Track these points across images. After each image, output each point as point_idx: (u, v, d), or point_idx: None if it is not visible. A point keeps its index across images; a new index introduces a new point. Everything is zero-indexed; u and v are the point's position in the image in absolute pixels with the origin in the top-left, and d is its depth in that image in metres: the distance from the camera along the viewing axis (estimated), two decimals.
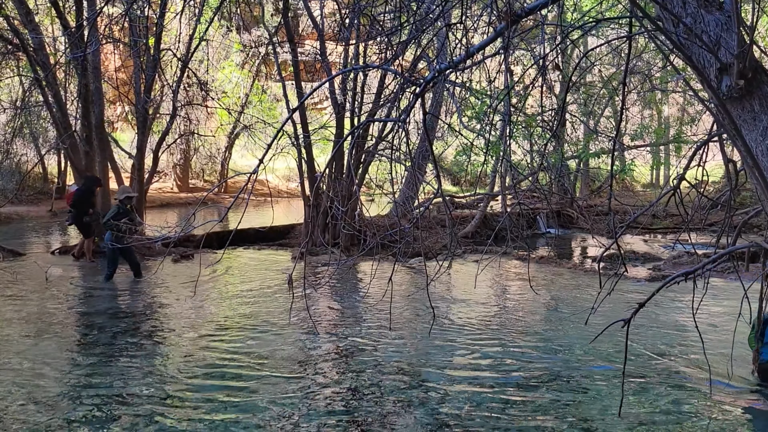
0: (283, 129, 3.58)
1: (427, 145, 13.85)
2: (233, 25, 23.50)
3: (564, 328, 7.19)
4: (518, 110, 8.63)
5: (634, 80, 17.23)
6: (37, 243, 14.38)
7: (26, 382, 5.24)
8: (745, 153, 2.72)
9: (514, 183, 10.03)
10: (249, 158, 26.64)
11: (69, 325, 7.19)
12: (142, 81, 12.89)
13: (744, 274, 6.65)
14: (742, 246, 3.28)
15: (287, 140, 13.16)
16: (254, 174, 3.08)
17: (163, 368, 5.71)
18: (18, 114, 17.09)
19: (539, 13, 3.71)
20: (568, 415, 4.65)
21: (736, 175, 3.89)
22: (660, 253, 12.89)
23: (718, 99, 2.66)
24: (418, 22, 4.51)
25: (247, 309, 8.04)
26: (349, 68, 12.40)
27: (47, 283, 9.41)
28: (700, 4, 2.70)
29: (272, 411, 4.71)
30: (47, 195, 21.73)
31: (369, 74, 13.54)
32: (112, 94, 23.66)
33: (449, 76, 9.09)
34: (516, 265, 11.81)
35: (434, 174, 16.79)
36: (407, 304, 8.40)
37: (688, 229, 4.30)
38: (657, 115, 25.79)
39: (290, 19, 14.78)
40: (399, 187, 14.92)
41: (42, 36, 12.59)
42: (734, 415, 4.67)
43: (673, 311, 7.83)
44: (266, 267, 11.19)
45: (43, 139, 21.99)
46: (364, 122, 6.16)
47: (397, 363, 5.88)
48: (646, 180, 30.58)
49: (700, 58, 2.74)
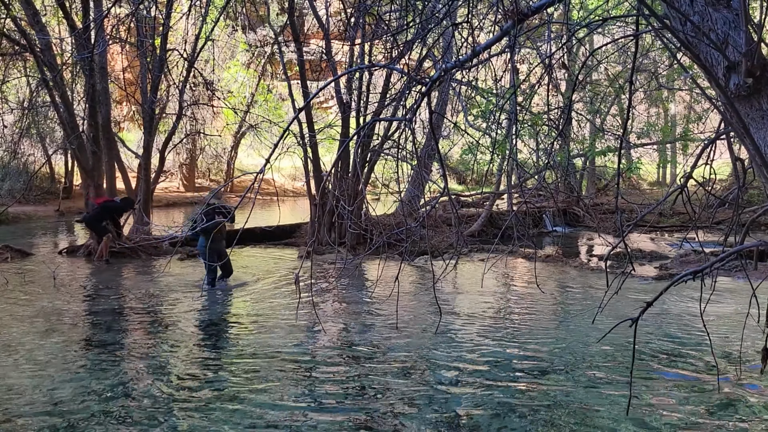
0: (289, 128, 3.58)
1: (433, 144, 13.85)
2: (239, 25, 23.53)
3: (571, 327, 7.18)
4: (524, 109, 8.61)
5: (641, 78, 17.15)
6: (45, 243, 14.46)
7: (34, 381, 5.28)
8: (753, 151, 2.71)
9: (520, 181, 10.01)
10: (255, 157, 26.69)
11: (77, 324, 7.23)
12: (149, 81, 12.93)
13: (752, 272, 6.63)
14: (750, 245, 3.26)
15: (293, 139, 13.19)
16: (261, 174, 3.08)
17: (169, 367, 5.73)
18: (25, 114, 17.17)
19: (545, 11, 3.70)
20: (575, 414, 4.64)
21: (744, 173, 3.87)
22: (667, 251, 12.84)
23: (726, 97, 2.65)
24: (424, 21, 4.51)
25: (254, 308, 8.06)
26: (354, 67, 12.40)
27: (55, 282, 9.46)
28: (708, 1, 2.69)
29: (279, 410, 4.72)
30: (54, 195, 21.84)
31: (375, 73, 13.53)
32: (119, 94, 23.75)
33: (455, 74, 9.09)
34: (522, 264, 11.79)
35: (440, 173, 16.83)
36: (414, 302, 8.40)
37: (696, 228, 4.28)
38: (664, 113, 25.70)
39: (296, 19, 14.80)
40: (405, 185, 14.92)
41: (49, 37, 12.64)
42: (742, 413, 4.66)
43: (681, 310, 7.80)
44: (273, 266, 11.21)
45: (50, 140, 22.12)
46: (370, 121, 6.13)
47: (403, 362, 5.88)
48: (653, 178, 30.49)
49: (707, 56, 2.73)
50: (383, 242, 6.99)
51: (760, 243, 3.20)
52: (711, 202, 5.40)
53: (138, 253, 12.11)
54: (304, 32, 19.86)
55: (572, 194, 18.16)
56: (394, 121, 6.26)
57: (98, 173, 12.57)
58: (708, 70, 2.66)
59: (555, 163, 10.33)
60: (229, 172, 29.53)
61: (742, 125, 2.65)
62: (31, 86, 17.01)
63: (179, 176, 28.87)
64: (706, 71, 2.62)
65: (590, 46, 17.82)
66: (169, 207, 23.70)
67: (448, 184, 4.07)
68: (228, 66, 26.71)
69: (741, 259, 4.07)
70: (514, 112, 4.74)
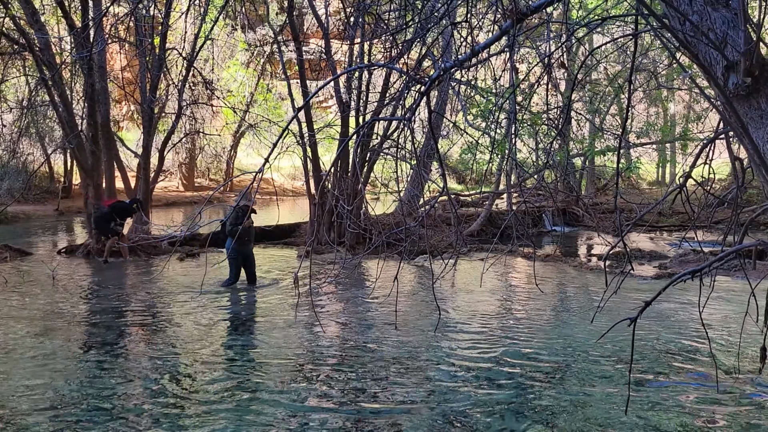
0: (289, 127, 3.58)
1: (432, 144, 13.85)
2: (238, 24, 23.51)
3: (570, 326, 7.18)
4: (524, 108, 8.62)
5: (640, 78, 17.16)
6: (44, 242, 14.45)
7: (33, 380, 5.27)
8: (752, 151, 2.71)
9: (519, 181, 10.00)
10: (254, 157, 26.68)
11: (75, 324, 7.22)
12: (148, 80, 12.93)
13: (751, 272, 6.63)
14: (749, 244, 3.27)
15: (293, 139, 13.19)
16: (260, 173, 3.08)
17: (168, 367, 5.73)
18: (24, 113, 17.17)
19: (544, 10, 3.70)
20: (574, 413, 4.64)
21: (743, 172, 3.87)
22: (666, 251, 12.84)
23: (725, 97, 2.65)
24: (423, 21, 4.50)
25: (252, 307, 8.06)
26: (354, 67, 12.40)
27: (54, 281, 9.45)
28: (707, 1, 2.69)
29: (278, 409, 4.72)
30: (54, 194, 21.83)
31: (374, 73, 13.54)
32: (118, 93, 23.73)
33: (454, 74, 9.08)
34: (522, 264, 11.80)
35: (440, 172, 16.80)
36: (413, 302, 8.40)
37: (695, 227, 4.28)
38: (663, 113, 25.70)
39: (295, 18, 14.80)
40: (404, 185, 14.93)
41: (48, 36, 12.63)
42: (741, 412, 4.66)
43: (680, 309, 7.80)
44: (272, 265, 11.21)
45: (49, 139, 22.10)
46: (369, 121, 6.13)
47: (402, 361, 5.88)
48: (653, 177, 30.50)
49: (706, 55, 2.73)
50: (382, 242, 6.99)
51: (758, 242, 3.21)
52: (710, 201, 5.41)
53: (137, 253, 12.11)
54: (303, 31, 19.87)
55: (571, 194, 18.17)
56: (393, 121, 6.26)
57: (97, 172, 12.56)
58: (707, 70, 2.66)
59: (554, 163, 10.34)
60: (228, 171, 29.52)
61: (741, 125, 2.65)
62: (30, 85, 17.01)
63: (179, 176, 28.86)
64: (705, 71, 2.63)
65: (589, 46, 17.83)
66: (168, 206, 23.69)
67: (448, 183, 4.07)
68: (227, 65, 26.69)
69: (740, 259, 4.08)
70: (513, 111, 4.74)
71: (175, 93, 14.38)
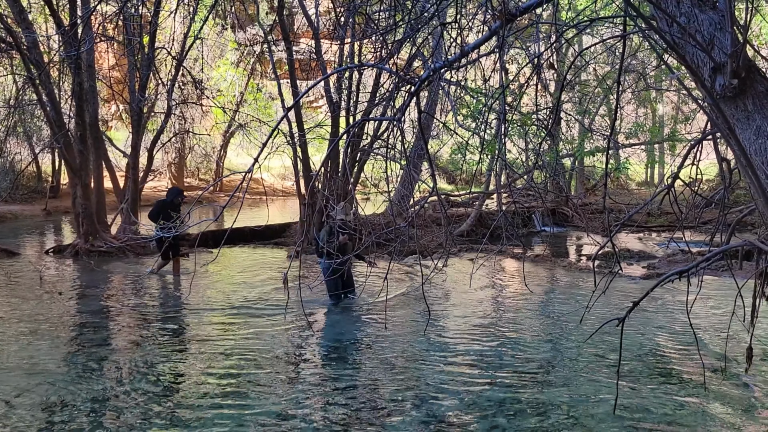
0: (278, 127, 3.57)
1: (422, 144, 13.85)
2: (228, 24, 23.42)
3: (559, 326, 7.21)
4: (513, 109, 8.64)
5: (629, 79, 17.25)
6: (32, 242, 14.32)
7: (19, 382, 5.22)
8: (738, 152, 2.73)
9: (509, 181, 10.02)
10: (244, 157, 26.57)
11: (63, 325, 7.16)
12: (137, 79, 12.85)
13: (738, 272, 6.69)
14: (736, 244, 3.29)
15: (283, 139, 13.15)
16: (249, 173, 3.07)
17: (158, 368, 5.70)
18: (12, 112, 17.01)
19: (534, 11, 3.71)
20: (563, 413, 4.66)
21: (730, 173, 3.90)
22: (655, 251, 12.92)
23: (712, 98, 2.67)
24: (413, 21, 4.51)
25: (242, 308, 8.03)
26: (344, 67, 12.39)
27: (41, 282, 9.37)
28: (694, 3, 2.71)
29: (268, 410, 4.71)
30: (41, 194, 21.63)
31: (364, 73, 13.53)
32: (107, 92, 23.51)
33: (444, 74, 9.09)
34: (511, 264, 11.83)
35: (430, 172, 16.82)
36: (403, 302, 8.40)
37: (683, 228, 4.31)
38: (652, 114, 25.84)
39: (285, 18, 14.76)
40: (394, 185, 14.92)
41: (35, 34, 12.51)
42: (728, 410, 4.69)
43: (667, 309, 7.85)
44: (262, 265, 11.17)
45: (37, 138, 21.88)
46: (359, 121, 6.13)
47: (392, 361, 5.89)
48: (641, 178, 30.64)
49: (693, 57, 2.75)
50: (372, 242, 6.98)
51: (745, 242, 3.23)
52: (698, 202, 5.44)
53: (125, 253, 12.03)
54: (293, 31, 19.81)
55: (561, 194, 18.24)
56: (383, 121, 6.27)
57: (86, 172, 12.46)
58: (694, 71, 2.68)
59: (544, 163, 10.37)
60: (218, 171, 29.38)
61: (728, 126, 2.67)
62: (18, 84, 16.87)
63: (168, 175, 28.66)
64: (692, 72, 2.64)
65: (579, 47, 17.89)
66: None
67: (438, 183, 4.07)
68: (217, 65, 26.55)
69: (727, 259, 4.10)
70: (503, 112, 4.75)
71: (164, 92, 14.30)
